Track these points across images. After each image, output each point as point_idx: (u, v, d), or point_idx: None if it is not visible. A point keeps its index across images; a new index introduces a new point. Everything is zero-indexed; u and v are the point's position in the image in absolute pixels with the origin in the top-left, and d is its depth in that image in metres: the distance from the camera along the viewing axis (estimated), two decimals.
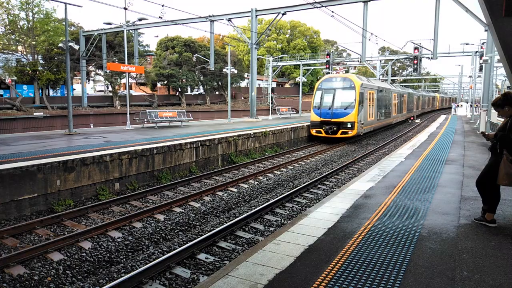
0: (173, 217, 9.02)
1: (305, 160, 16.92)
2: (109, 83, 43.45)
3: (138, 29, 34.96)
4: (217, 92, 54.96)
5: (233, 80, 48.74)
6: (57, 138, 15.41)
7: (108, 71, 36.59)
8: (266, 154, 18.54)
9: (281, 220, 8.64)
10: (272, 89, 49.37)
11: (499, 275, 4.00)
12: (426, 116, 58.07)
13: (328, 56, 35.65)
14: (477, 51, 34.04)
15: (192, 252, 6.64)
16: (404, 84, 69.71)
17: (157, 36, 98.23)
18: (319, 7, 21.26)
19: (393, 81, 61.92)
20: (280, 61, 52.49)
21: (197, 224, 8.77)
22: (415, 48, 27.97)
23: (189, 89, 51.44)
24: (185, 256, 6.52)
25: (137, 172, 11.95)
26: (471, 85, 44.55)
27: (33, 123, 30.05)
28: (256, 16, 26.93)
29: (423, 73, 79.55)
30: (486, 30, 20.39)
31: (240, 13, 27.49)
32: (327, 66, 34.91)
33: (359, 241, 4.99)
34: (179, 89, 47.74)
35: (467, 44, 37.02)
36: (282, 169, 14.84)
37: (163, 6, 18.54)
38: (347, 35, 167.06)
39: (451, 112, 53.49)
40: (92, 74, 46.24)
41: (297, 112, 41.25)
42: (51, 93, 41.64)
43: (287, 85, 74.70)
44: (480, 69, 29.80)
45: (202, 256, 6.63)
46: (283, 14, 25.83)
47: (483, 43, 26.04)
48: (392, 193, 7.59)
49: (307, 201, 10.21)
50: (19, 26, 32.50)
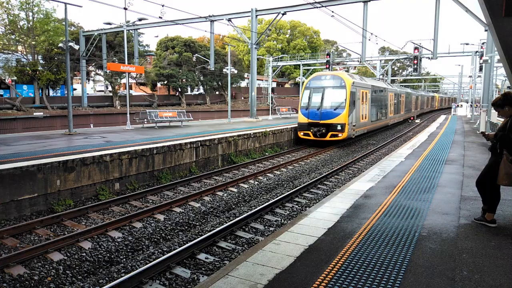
0: (173, 217, 9.02)
1: (305, 160, 16.92)
2: (109, 83, 43.44)
3: (138, 29, 34.97)
4: (217, 92, 54.94)
5: (233, 80, 48.72)
6: (57, 138, 15.41)
7: (108, 71, 36.59)
8: (266, 154, 18.54)
9: (281, 220, 8.64)
10: (272, 89, 49.40)
11: (499, 275, 4.00)
12: (425, 116, 58.09)
13: (328, 56, 35.68)
14: (477, 51, 34.08)
15: (192, 252, 6.64)
16: (404, 84, 69.65)
17: (157, 36, 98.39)
18: (319, 7, 21.27)
19: (393, 81, 61.95)
20: (280, 61, 52.55)
21: (197, 224, 8.77)
22: (415, 48, 28.01)
23: (189, 89, 51.43)
24: (185, 256, 6.52)
25: (137, 172, 11.96)
26: (471, 85, 44.58)
27: (33, 123, 30.04)
28: (256, 16, 26.94)
29: (423, 73, 79.58)
30: (486, 30, 20.40)
31: (240, 13, 27.50)
32: (327, 66, 34.94)
33: (359, 241, 4.99)
34: (179, 89, 47.74)
35: (467, 44, 37.11)
36: (282, 169, 14.84)
37: (163, 6, 18.57)
38: (347, 35, 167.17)
39: (451, 112, 53.51)
40: (92, 74, 46.24)
41: (297, 112, 41.16)
42: (51, 93, 41.62)
43: (287, 85, 74.69)
44: (480, 69, 29.82)
45: (202, 256, 6.63)
46: (283, 14, 25.84)
47: (483, 43, 26.06)
48: (392, 193, 7.59)
49: (307, 201, 10.21)
50: (19, 26, 32.47)
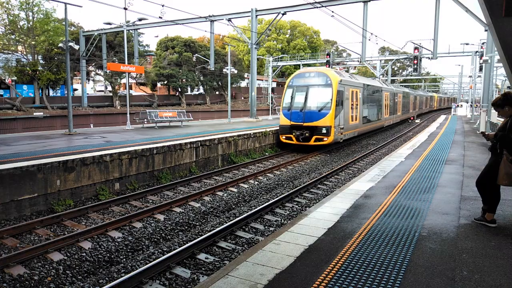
0: (173, 217, 9.02)
1: (305, 160, 16.92)
2: (109, 83, 43.43)
3: (138, 29, 34.96)
4: (217, 92, 54.92)
5: (233, 80, 48.72)
6: (57, 138, 15.41)
7: (108, 71, 36.57)
8: (266, 154, 18.54)
9: (281, 220, 8.63)
10: (272, 89, 49.39)
11: (499, 275, 4.00)
12: (425, 116, 58.08)
13: (328, 56, 35.69)
14: (477, 51, 34.09)
15: (192, 252, 6.64)
16: (404, 84, 69.62)
17: (157, 36, 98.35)
18: (319, 7, 21.26)
19: (393, 81, 61.94)
20: (280, 61, 52.56)
21: (197, 224, 8.77)
22: (415, 48, 28.01)
23: (189, 89, 51.41)
24: (185, 256, 6.52)
25: (137, 172, 11.96)
26: (471, 85, 44.59)
27: (33, 123, 30.03)
28: (256, 16, 26.94)
29: (423, 73, 79.57)
30: (486, 30, 20.40)
31: (240, 13, 27.50)
32: (327, 66, 34.92)
33: (359, 241, 4.99)
34: (179, 89, 47.73)
35: (467, 44, 37.12)
36: (282, 169, 14.84)
37: (163, 6, 18.56)
38: (347, 35, 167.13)
39: (451, 112, 53.51)
40: (92, 74, 46.21)
41: None
42: (51, 93, 41.59)
43: None
44: (480, 69, 29.84)
45: (202, 256, 6.63)
46: (283, 14, 25.83)
47: (483, 43, 26.07)
48: (392, 193, 7.59)
49: (307, 201, 10.21)
50: (19, 26, 32.45)
